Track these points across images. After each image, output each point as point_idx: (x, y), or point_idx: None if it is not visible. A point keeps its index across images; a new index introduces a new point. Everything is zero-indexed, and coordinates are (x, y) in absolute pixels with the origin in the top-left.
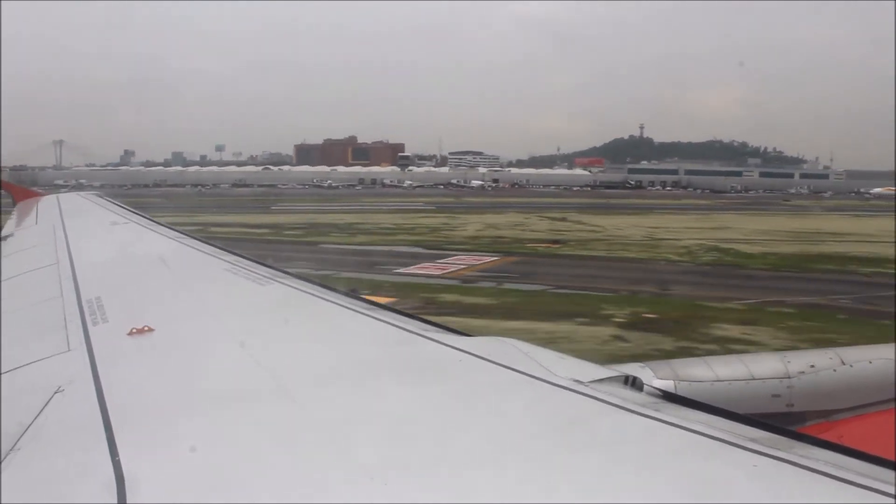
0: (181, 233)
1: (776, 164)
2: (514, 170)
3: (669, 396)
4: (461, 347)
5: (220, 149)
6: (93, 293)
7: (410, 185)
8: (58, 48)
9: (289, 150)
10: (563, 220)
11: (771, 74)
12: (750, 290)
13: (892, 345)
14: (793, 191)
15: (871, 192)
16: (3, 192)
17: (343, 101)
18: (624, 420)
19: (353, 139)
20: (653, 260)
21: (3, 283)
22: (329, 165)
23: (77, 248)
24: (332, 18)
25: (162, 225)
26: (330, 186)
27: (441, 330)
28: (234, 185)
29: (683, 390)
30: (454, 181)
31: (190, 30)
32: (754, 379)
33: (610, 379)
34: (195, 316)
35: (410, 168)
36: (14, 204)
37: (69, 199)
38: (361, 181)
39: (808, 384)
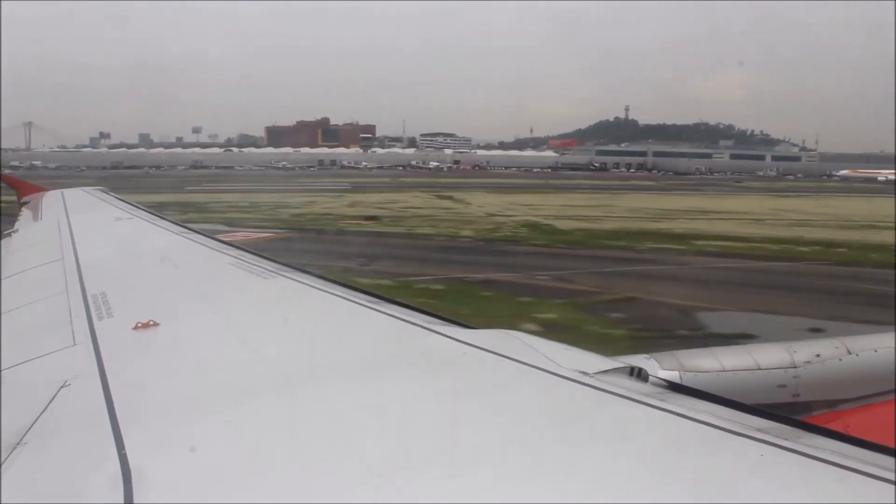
0: (186, 228)
1: (760, 146)
2: (481, 152)
3: (675, 387)
4: (466, 340)
5: (196, 131)
6: (98, 288)
7: (366, 166)
8: (46, 32)
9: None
10: (450, 198)
11: (769, 60)
12: (469, 265)
13: None
14: (761, 173)
15: (838, 174)
16: (3, 184)
17: (331, 82)
18: (630, 411)
19: (325, 121)
20: (441, 235)
21: (8, 279)
22: (299, 147)
23: (82, 243)
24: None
25: (167, 220)
26: (284, 167)
27: (446, 323)
28: (192, 166)
29: (689, 381)
30: (413, 162)
31: (175, 12)
32: (760, 369)
33: (615, 370)
34: (200, 311)
35: (374, 149)
36: (18, 199)
37: (73, 195)
38: (321, 162)
39: (814, 374)
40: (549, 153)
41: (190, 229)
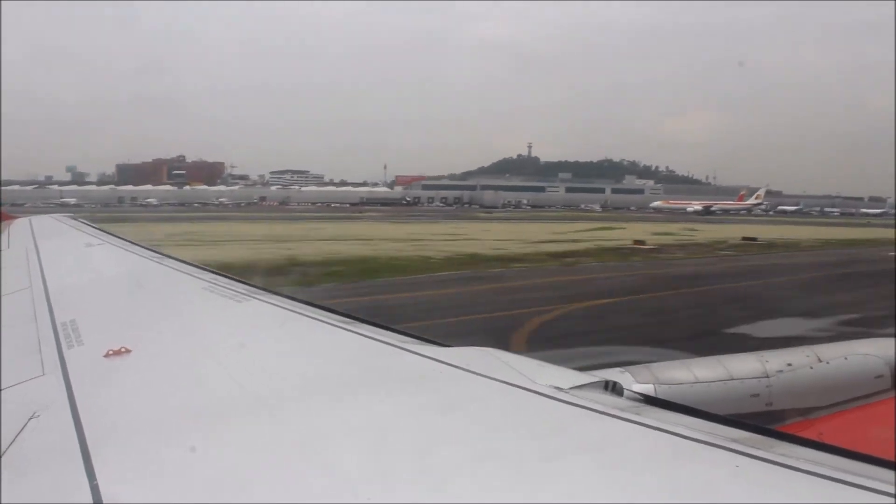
0: (158, 252)
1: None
2: (314, 188)
3: (650, 400)
4: (440, 358)
5: (70, 169)
6: (67, 316)
7: (151, 201)
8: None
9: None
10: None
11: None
12: None
13: (869, 340)
14: (583, 206)
15: (651, 205)
16: None
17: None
18: (605, 425)
19: (180, 158)
20: None
21: None
22: (151, 184)
23: (51, 270)
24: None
25: (138, 245)
26: (66, 205)
27: (420, 341)
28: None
29: (663, 393)
30: (223, 199)
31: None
32: (733, 379)
33: (590, 385)
34: (173, 335)
35: (186, 186)
36: None
37: (42, 222)
38: (120, 199)
39: (786, 383)
40: (392, 189)
41: (162, 254)
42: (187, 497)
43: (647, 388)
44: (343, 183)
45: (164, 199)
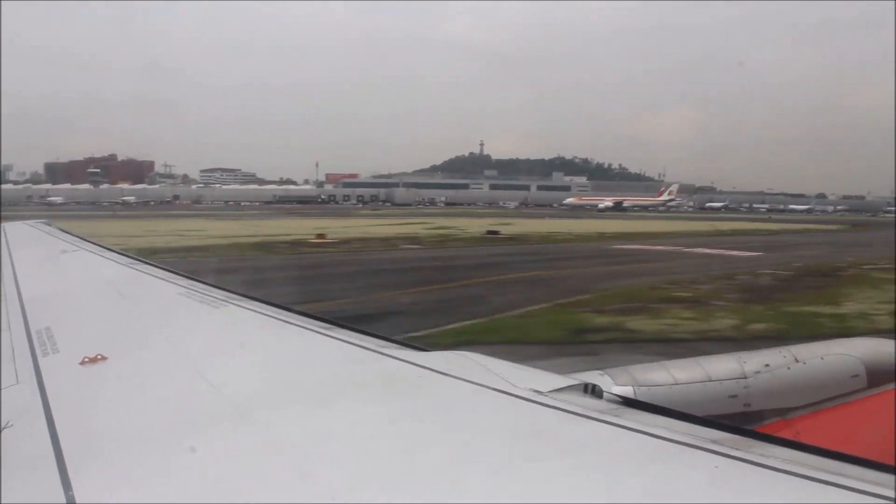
0: (134, 258)
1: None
2: (236, 186)
3: (629, 402)
4: (420, 363)
5: (8, 168)
6: (42, 323)
7: (54, 200)
8: None
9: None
10: None
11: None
12: None
13: (844, 340)
14: (500, 203)
15: (563, 202)
16: None
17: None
18: (585, 428)
19: (112, 156)
20: None
21: None
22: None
23: (25, 278)
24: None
25: (114, 252)
26: None
27: (399, 346)
28: None
29: (643, 395)
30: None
31: None
32: (711, 381)
33: (569, 388)
34: (150, 342)
35: (102, 184)
36: None
37: (15, 229)
38: (29, 198)
39: (764, 383)
40: (328, 187)
41: (139, 260)
42: None
43: (627, 391)
44: (287, 181)
45: (72, 198)
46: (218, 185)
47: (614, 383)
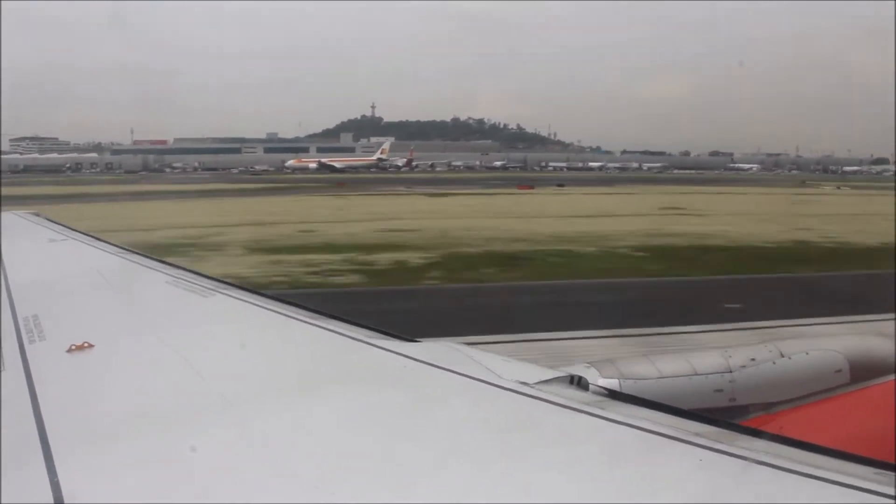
0: (122, 247)
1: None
2: (16, 155)
3: (615, 395)
4: (407, 353)
5: None
6: (29, 311)
7: None
8: None
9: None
10: None
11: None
12: None
13: (829, 336)
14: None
15: (285, 164)
16: None
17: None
18: (570, 419)
19: None
20: None
21: None
22: None
23: (12, 266)
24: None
25: (102, 241)
26: None
27: (387, 336)
28: None
29: (629, 388)
30: None
31: None
32: (697, 374)
33: (556, 380)
34: (136, 330)
35: None
36: None
37: (3, 218)
38: None
39: (749, 378)
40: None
41: (127, 249)
42: (148, 494)
43: (613, 383)
44: (98, 147)
45: None
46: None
47: (600, 376)
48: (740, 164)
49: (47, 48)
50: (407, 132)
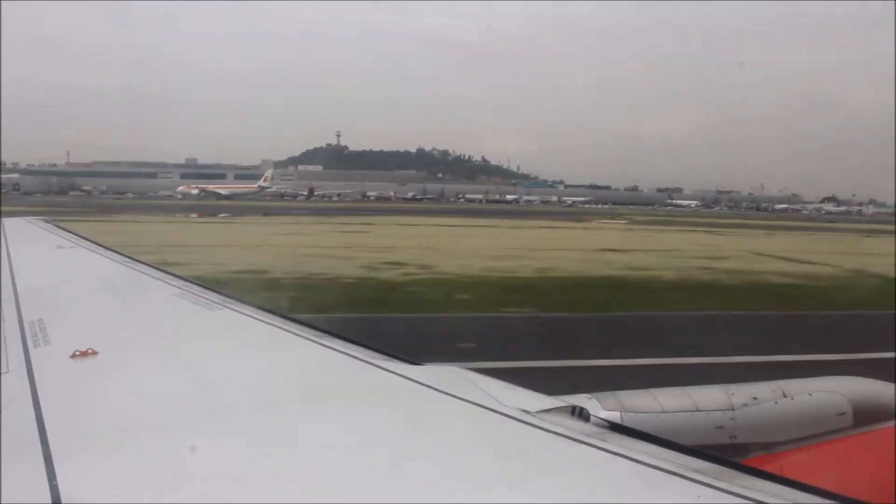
0: (129, 257)
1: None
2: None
3: (615, 427)
4: (409, 376)
5: None
6: (35, 315)
7: None
8: None
9: None
10: None
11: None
12: None
13: (831, 378)
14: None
15: (177, 190)
16: None
17: None
18: (570, 450)
19: None
20: None
21: None
22: None
23: (20, 271)
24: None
25: (110, 249)
26: None
27: (389, 358)
28: None
29: (629, 421)
30: None
31: None
32: (699, 410)
33: (557, 409)
34: (141, 340)
35: None
36: None
37: (13, 224)
38: None
39: (751, 416)
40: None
41: (135, 259)
42: (146, 500)
43: (614, 416)
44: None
45: None
46: None
47: (602, 407)
48: (678, 201)
49: None
50: (367, 161)
